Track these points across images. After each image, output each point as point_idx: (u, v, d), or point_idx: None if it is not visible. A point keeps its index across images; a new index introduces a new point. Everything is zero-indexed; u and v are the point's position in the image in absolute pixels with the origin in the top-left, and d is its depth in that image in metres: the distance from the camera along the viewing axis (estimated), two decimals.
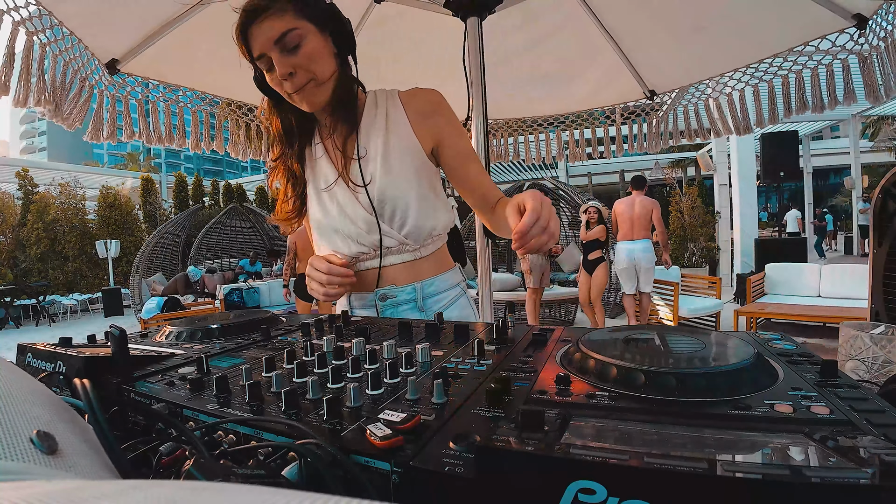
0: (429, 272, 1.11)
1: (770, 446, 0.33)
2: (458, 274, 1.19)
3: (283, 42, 0.90)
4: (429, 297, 1.10)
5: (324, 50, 0.95)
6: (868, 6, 1.69)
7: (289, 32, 0.89)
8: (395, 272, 1.09)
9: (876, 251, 1.22)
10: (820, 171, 19.45)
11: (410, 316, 1.09)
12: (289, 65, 0.91)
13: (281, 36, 0.89)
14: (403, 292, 1.09)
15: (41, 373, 0.61)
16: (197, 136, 2.17)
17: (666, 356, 0.51)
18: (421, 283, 1.09)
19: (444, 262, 1.16)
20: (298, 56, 0.91)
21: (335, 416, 0.44)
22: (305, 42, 0.92)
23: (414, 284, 1.09)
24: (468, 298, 1.19)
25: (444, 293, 1.13)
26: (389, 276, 1.09)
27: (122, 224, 13.04)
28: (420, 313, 1.10)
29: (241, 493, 0.16)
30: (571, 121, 2.76)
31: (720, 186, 9.91)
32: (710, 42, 2.14)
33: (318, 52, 0.94)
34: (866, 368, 0.84)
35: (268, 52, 0.91)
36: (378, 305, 1.10)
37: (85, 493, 0.15)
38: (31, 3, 1.39)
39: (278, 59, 0.91)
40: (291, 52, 0.91)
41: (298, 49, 0.91)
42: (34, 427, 0.27)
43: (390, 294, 1.09)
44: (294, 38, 0.90)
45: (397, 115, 1.06)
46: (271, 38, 0.90)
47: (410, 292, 1.09)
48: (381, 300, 1.09)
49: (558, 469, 0.29)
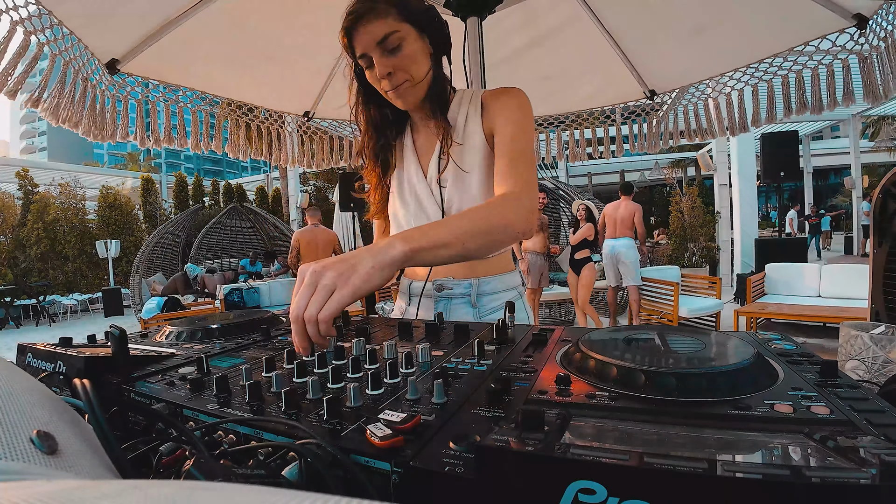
0: (488, 271, 1.14)
1: (770, 446, 0.33)
2: (518, 278, 1.21)
3: (385, 44, 0.96)
4: (484, 296, 1.13)
5: (421, 51, 1.01)
6: (868, 6, 1.69)
7: (391, 35, 0.95)
8: (455, 265, 1.12)
9: (876, 251, 1.22)
10: (820, 171, 19.47)
11: (463, 311, 1.12)
12: (388, 65, 0.97)
13: (383, 38, 0.95)
14: (460, 286, 1.12)
15: (41, 373, 0.61)
16: (197, 136, 2.16)
17: (666, 356, 0.51)
18: (478, 279, 1.12)
19: (505, 265, 1.19)
20: (398, 58, 0.97)
21: (335, 416, 0.44)
22: (405, 44, 0.97)
23: (471, 280, 1.12)
24: (524, 303, 1.19)
25: (500, 294, 1.15)
26: (448, 267, 1.12)
27: (123, 224, 13.04)
28: (472, 309, 1.12)
29: (241, 493, 0.16)
30: (571, 121, 2.76)
31: (720, 186, 9.91)
32: (710, 42, 2.14)
33: (415, 53, 0.99)
34: (866, 368, 0.84)
35: (369, 52, 0.97)
36: (434, 296, 1.13)
37: (85, 492, 0.15)
38: (30, 2, 1.39)
39: (379, 59, 0.97)
40: (391, 54, 0.97)
41: (398, 51, 0.97)
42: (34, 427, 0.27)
43: (447, 285, 1.12)
44: (395, 41, 0.96)
45: (475, 117, 1.09)
46: (374, 40, 0.95)
47: (467, 287, 1.12)
48: (437, 290, 1.13)
49: (558, 469, 0.29)
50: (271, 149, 2.47)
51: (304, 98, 2.48)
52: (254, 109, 2.36)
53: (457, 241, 0.73)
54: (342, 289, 0.59)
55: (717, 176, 10.02)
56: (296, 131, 2.58)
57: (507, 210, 0.85)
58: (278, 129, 2.49)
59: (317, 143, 2.63)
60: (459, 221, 0.78)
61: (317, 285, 0.59)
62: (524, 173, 0.96)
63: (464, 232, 0.75)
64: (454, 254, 0.74)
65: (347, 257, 0.62)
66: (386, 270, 0.63)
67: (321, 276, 0.59)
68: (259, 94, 2.35)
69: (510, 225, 0.83)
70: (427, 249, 0.69)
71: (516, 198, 0.90)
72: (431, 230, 0.72)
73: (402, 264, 0.65)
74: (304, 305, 0.58)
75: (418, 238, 0.68)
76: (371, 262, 0.62)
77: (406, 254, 0.65)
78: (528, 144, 1.01)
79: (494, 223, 0.81)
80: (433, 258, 0.71)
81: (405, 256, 0.65)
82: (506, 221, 0.83)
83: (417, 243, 0.67)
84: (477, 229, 0.77)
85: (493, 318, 1.12)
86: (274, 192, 16.90)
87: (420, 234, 0.70)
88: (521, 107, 1.05)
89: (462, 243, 0.74)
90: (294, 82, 2.37)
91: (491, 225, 0.80)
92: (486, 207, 0.86)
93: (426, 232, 0.71)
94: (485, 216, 0.81)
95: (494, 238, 0.81)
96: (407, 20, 0.97)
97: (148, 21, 1.75)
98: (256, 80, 2.26)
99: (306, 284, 0.59)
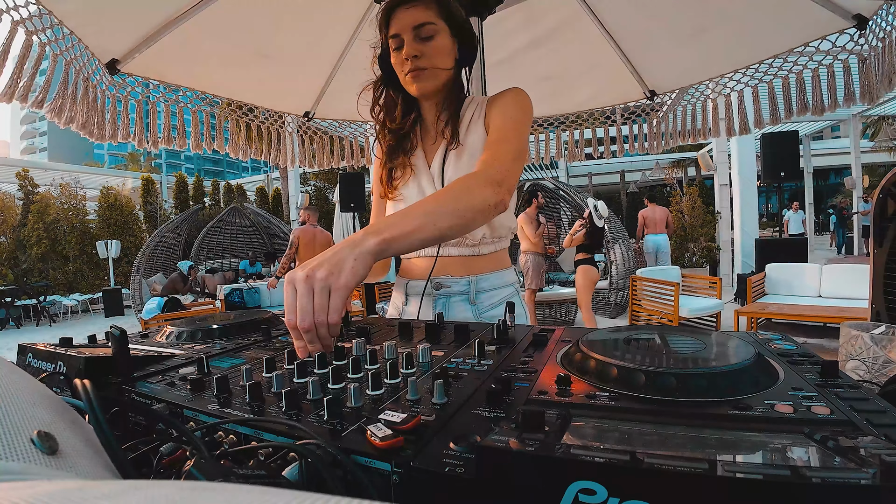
0: (485, 268, 1.16)
1: (771, 447, 0.33)
2: (513, 274, 1.23)
3: (420, 30, 1.02)
4: (482, 293, 1.15)
5: (449, 50, 1.07)
6: (868, 6, 1.69)
7: (427, 24, 1.02)
8: (452, 264, 1.14)
9: (876, 251, 1.22)
10: (820, 170, 19.45)
11: (462, 308, 1.14)
12: (417, 49, 1.03)
13: (420, 25, 1.02)
14: (458, 284, 1.14)
15: (42, 373, 0.61)
16: (197, 136, 2.17)
17: (666, 356, 0.51)
18: (476, 277, 1.14)
19: (502, 262, 1.21)
20: (427, 45, 1.03)
21: (335, 417, 0.44)
22: (437, 37, 1.04)
23: (469, 278, 1.14)
24: (521, 298, 1.21)
25: (498, 290, 1.16)
26: (445, 266, 1.14)
27: (123, 224, 13.04)
28: (471, 306, 1.14)
29: (241, 493, 0.16)
30: (572, 121, 2.75)
31: (720, 186, 9.91)
32: (710, 43, 2.14)
33: (444, 48, 1.05)
34: (867, 369, 0.84)
35: (402, 34, 1.03)
36: (432, 294, 1.14)
37: (85, 493, 0.15)
38: (30, 2, 1.39)
39: (410, 41, 1.03)
40: (423, 41, 1.03)
41: (430, 41, 1.03)
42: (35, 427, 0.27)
43: (445, 283, 1.14)
44: (430, 31, 1.03)
45: (479, 120, 1.12)
46: (411, 24, 1.02)
47: (465, 285, 1.14)
48: (435, 288, 1.14)
49: (559, 469, 0.29)
50: (271, 149, 2.47)
51: (304, 98, 2.48)
52: (254, 109, 2.36)
53: (427, 224, 0.74)
54: (338, 286, 0.60)
55: (717, 176, 10.02)
56: (296, 131, 2.58)
57: (471, 183, 0.86)
58: (278, 130, 2.49)
59: (317, 144, 2.64)
60: (425, 205, 0.79)
61: (314, 290, 0.59)
62: (499, 150, 0.98)
63: (432, 212, 0.76)
64: (429, 236, 0.75)
65: (329, 256, 0.63)
66: (366, 263, 0.65)
67: (313, 279, 0.60)
68: (259, 94, 2.35)
69: (477, 197, 0.84)
70: (398, 238, 0.70)
71: (483, 171, 0.92)
72: (399, 219, 0.73)
73: (378, 255, 0.67)
74: (311, 311, 0.58)
75: (387, 228, 0.70)
76: (353, 256, 0.63)
77: (378, 244, 0.67)
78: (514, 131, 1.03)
79: (461, 198, 0.82)
80: (408, 245, 0.72)
81: (378, 248, 0.67)
82: (472, 195, 0.83)
83: (389, 233, 0.69)
84: (445, 209, 0.78)
85: (491, 314, 1.14)
86: (274, 192, 16.91)
87: (388, 224, 0.71)
88: (516, 101, 1.08)
89: (433, 224, 0.75)
90: (294, 82, 2.37)
91: (458, 201, 0.81)
92: (450, 186, 0.88)
93: (394, 222, 0.72)
94: (450, 194, 0.83)
95: (465, 214, 0.81)
96: (445, 19, 1.04)
97: (148, 21, 1.75)
98: (256, 80, 2.26)
99: (303, 293, 0.59)
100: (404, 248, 0.72)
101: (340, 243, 0.66)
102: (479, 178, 0.89)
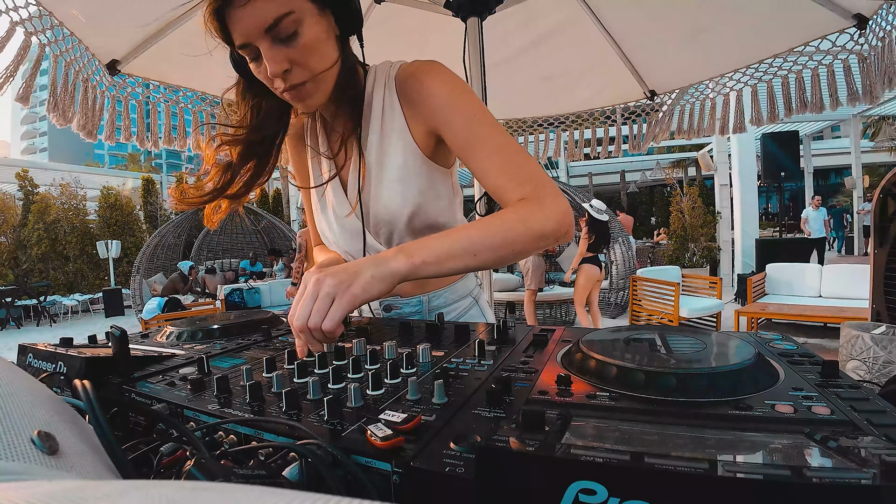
0: (437, 283, 1.03)
1: (771, 447, 0.33)
2: (471, 281, 1.11)
3: (276, 30, 0.71)
4: (437, 311, 1.03)
5: (324, 35, 0.77)
6: (868, 6, 1.69)
7: (283, 18, 0.71)
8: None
9: (877, 252, 1.22)
10: (820, 170, 19.44)
11: None
12: (283, 59, 0.73)
13: (274, 23, 0.71)
14: (409, 304, 1.03)
15: (42, 373, 0.61)
16: (197, 136, 2.16)
17: (667, 356, 0.51)
18: (428, 295, 1.03)
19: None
20: (295, 48, 0.73)
21: (336, 417, 0.44)
22: (304, 29, 0.73)
23: (420, 297, 1.02)
24: (480, 308, 1.11)
25: (455, 304, 1.06)
26: None
27: (123, 224, 13.06)
28: None
29: (241, 493, 0.16)
30: (572, 121, 2.76)
31: (721, 186, 9.91)
32: (710, 42, 2.14)
33: (318, 40, 0.75)
34: (867, 369, 0.84)
35: (254, 42, 0.73)
36: (383, 317, 1.04)
37: (86, 493, 0.15)
38: (31, 3, 1.39)
39: (269, 50, 0.73)
40: (286, 43, 0.73)
41: (295, 39, 0.73)
42: (35, 427, 0.27)
43: (395, 305, 1.03)
44: (290, 26, 0.72)
45: (393, 104, 0.90)
46: (261, 26, 0.71)
47: (417, 304, 1.03)
48: (385, 311, 1.04)
49: (559, 469, 0.29)
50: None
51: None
52: None
53: (466, 253, 0.68)
54: (341, 298, 0.59)
55: (717, 176, 10.02)
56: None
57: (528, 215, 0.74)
58: None
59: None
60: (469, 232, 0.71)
61: (318, 295, 0.59)
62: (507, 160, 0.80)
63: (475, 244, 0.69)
64: (465, 265, 0.69)
65: (349, 266, 0.62)
66: (386, 282, 0.62)
67: (322, 284, 0.60)
68: None
69: (533, 230, 0.73)
70: (430, 265, 0.65)
71: (538, 202, 0.76)
72: (438, 242, 0.68)
73: (404, 277, 0.64)
74: (306, 316, 0.59)
75: (421, 251, 0.66)
76: (371, 273, 0.62)
77: (408, 267, 0.64)
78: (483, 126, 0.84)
79: (513, 230, 0.72)
80: (437, 271, 0.67)
81: (407, 270, 0.64)
82: (528, 228, 0.72)
83: (420, 257, 0.65)
84: (491, 242, 0.70)
85: None
86: (274, 192, 16.90)
87: (424, 246, 0.67)
88: (443, 81, 0.85)
89: (473, 255, 0.69)
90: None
91: (507, 235, 0.71)
92: (501, 216, 0.74)
93: (431, 246, 0.67)
94: (501, 226, 0.72)
95: (514, 248, 0.72)
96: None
97: (148, 22, 1.75)
98: None
99: (308, 294, 0.60)
100: (432, 273, 0.67)
101: (370, 256, 0.65)
102: (540, 211, 0.75)
